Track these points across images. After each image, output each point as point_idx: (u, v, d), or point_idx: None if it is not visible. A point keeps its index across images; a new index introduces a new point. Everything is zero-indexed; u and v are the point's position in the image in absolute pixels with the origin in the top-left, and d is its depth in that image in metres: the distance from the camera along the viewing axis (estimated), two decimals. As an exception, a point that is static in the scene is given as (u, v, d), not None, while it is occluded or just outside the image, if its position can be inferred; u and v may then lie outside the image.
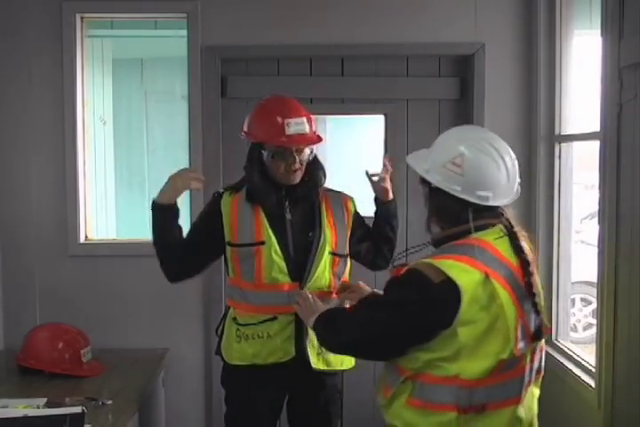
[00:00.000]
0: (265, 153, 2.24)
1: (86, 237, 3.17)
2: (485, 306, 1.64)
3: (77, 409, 2.21)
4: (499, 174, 1.72)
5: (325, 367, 2.34)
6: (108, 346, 2.93)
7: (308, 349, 2.28)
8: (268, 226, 2.27)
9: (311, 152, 2.29)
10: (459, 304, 1.62)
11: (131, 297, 3.12)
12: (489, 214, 1.76)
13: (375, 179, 2.36)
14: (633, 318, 2.07)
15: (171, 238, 2.28)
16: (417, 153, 1.86)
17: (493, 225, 1.75)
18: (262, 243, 2.25)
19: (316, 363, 2.30)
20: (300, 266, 2.28)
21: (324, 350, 2.30)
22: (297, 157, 2.24)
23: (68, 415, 2.16)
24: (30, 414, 2.18)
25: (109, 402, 2.33)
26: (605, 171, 2.24)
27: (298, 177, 2.28)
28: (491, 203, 1.72)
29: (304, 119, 2.24)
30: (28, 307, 3.10)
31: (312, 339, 2.27)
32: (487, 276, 1.65)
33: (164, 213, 2.25)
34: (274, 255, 2.25)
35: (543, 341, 1.79)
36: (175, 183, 2.24)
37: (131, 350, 2.99)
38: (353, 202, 2.45)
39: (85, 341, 2.72)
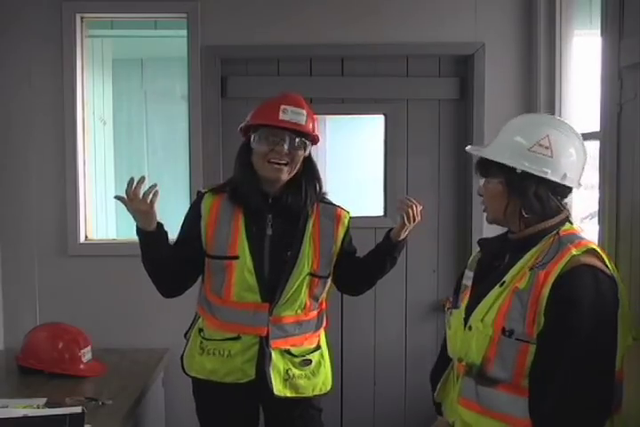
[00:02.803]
0: (254, 137, 2.13)
1: (86, 237, 3.17)
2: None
3: (77, 409, 2.20)
4: (580, 156, 1.71)
5: (293, 394, 2.21)
6: (108, 346, 2.93)
7: (272, 374, 2.16)
8: (245, 239, 2.15)
9: (304, 149, 2.14)
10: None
11: (131, 297, 3.12)
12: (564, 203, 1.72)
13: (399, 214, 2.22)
14: (632, 318, 2.07)
15: (158, 260, 2.17)
16: (475, 147, 1.81)
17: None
18: (235, 257, 2.14)
19: (280, 390, 2.18)
20: (272, 286, 2.15)
21: (292, 375, 2.19)
22: (285, 146, 2.10)
23: (67, 415, 2.16)
24: (30, 414, 2.17)
25: (109, 402, 2.33)
26: (605, 171, 2.24)
27: (283, 175, 2.13)
28: (575, 185, 1.70)
29: (303, 111, 2.14)
30: (27, 307, 3.10)
31: (276, 363, 2.16)
32: (610, 260, 1.65)
33: (147, 237, 2.13)
34: (245, 273, 2.13)
35: None
36: (135, 211, 2.08)
37: (131, 350, 2.99)
38: (348, 218, 2.30)
39: (85, 341, 2.72)
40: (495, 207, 1.73)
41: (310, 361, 2.25)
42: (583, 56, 2.89)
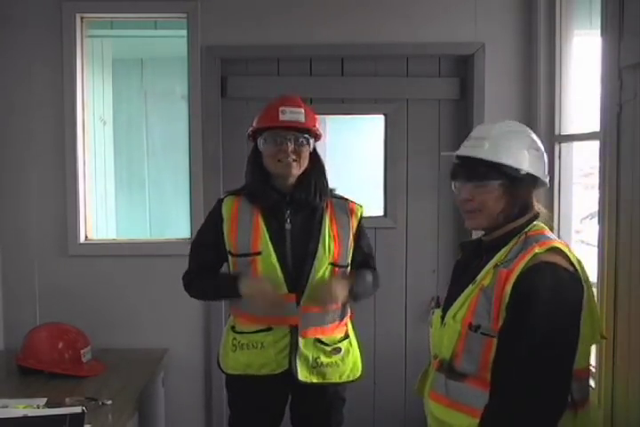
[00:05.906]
0: (260, 141, 2.26)
1: (86, 237, 3.17)
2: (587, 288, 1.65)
3: (77, 409, 2.21)
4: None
5: (320, 380, 2.30)
6: (108, 346, 2.93)
7: (298, 362, 2.25)
8: (266, 235, 2.25)
9: (309, 145, 2.27)
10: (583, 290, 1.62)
11: (131, 297, 3.12)
12: None
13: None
14: (633, 317, 2.07)
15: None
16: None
17: None
18: (259, 253, 2.23)
19: (307, 376, 2.28)
20: (297, 278, 2.25)
21: (320, 363, 2.28)
22: (290, 145, 2.23)
23: (67, 415, 2.16)
24: (30, 414, 2.18)
25: (109, 402, 2.33)
26: (605, 171, 2.24)
27: (294, 169, 2.26)
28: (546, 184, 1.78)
29: (300, 110, 2.27)
30: (28, 307, 3.10)
31: (304, 352, 2.26)
32: (579, 259, 1.69)
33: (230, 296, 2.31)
34: (270, 267, 2.23)
35: None
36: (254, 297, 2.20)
37: (131, 350, 2.99)
38: (361, 210, 2.40)
39: (85, 341, 2.73)
40: (491, 211, 1.71)
41: (340, 349, 2.34)
42: (583, 56, 2.89)
